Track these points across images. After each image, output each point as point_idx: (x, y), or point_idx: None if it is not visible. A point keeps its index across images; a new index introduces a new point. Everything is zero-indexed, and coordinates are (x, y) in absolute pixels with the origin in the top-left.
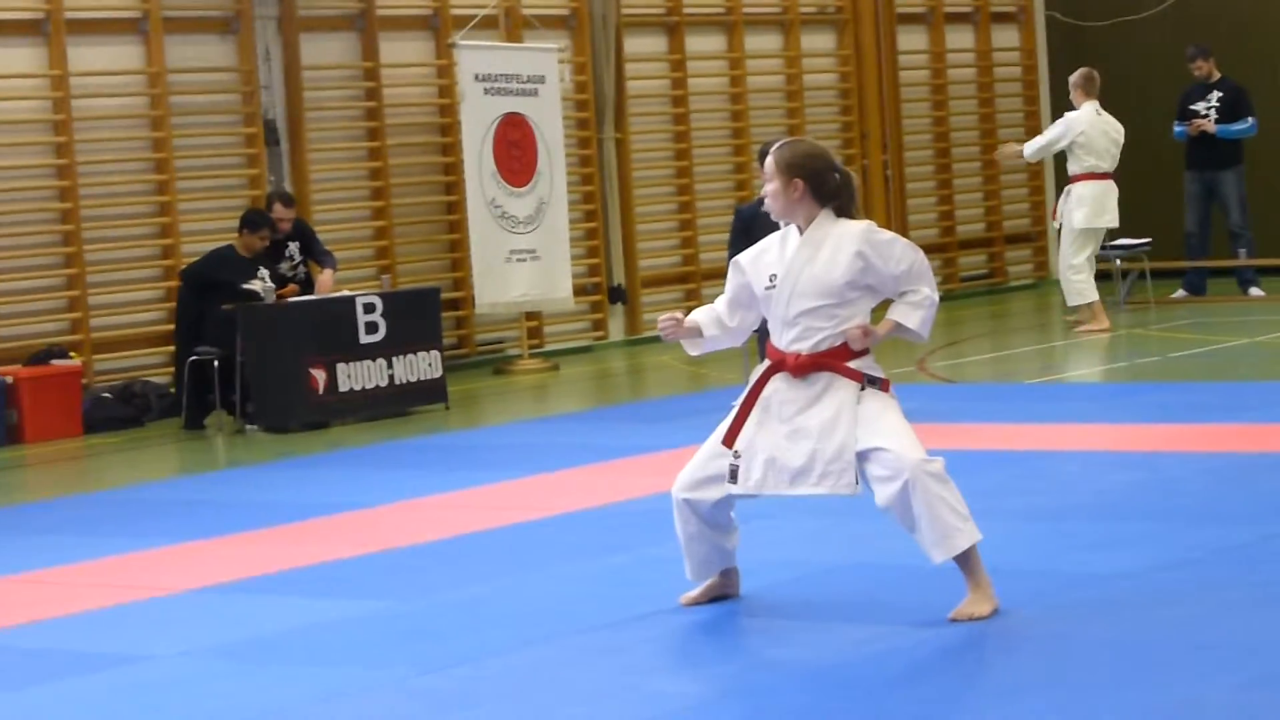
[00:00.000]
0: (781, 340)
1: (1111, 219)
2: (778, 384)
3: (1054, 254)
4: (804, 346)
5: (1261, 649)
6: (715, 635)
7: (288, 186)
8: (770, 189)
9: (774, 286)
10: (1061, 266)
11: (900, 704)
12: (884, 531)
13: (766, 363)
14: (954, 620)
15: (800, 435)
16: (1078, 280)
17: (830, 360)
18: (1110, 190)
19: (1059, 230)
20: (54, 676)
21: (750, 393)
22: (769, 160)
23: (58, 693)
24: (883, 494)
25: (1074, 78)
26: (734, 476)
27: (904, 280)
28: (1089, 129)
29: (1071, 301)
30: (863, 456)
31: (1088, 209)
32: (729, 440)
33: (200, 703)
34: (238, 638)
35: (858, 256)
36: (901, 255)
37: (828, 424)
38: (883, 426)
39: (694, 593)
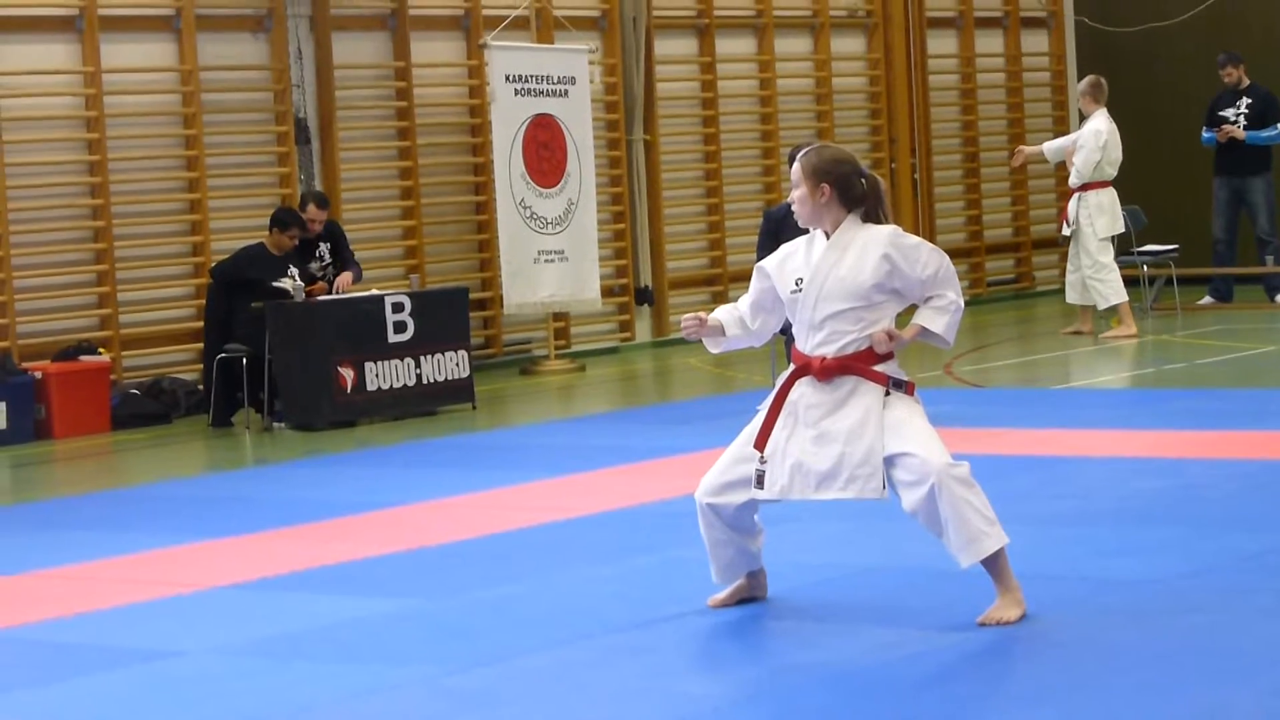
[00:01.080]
0: (807, 344)
1: (1121, 225)
2: (803, 388)
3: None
4: (830, 350)
5: None
6: (741, 637)
7: (318, 185)
8: (797, 195)
9: (800, 290)
10: (1086, 271)
11: (926, 708)
12: (911, 535)
13: (792, 367)
14: (982, 624)
15: (827, 439)
16: (1112, 279)
17: (855, 363)
18: (1116, 197)
19: (1067, 237)
20: (83, 671)
21: (776, 397)
22: (795, 166)
23: (87, 688)
24: (909, 499)
25: (1083, 86)
26: (760, 482)
27: (930, 285)
28: (1110, 137)
29: (1104, 304)
30: (889, 462)
31: (1108, 216)
32: (759, 444)
33: (229, 699)
34: (266, 634)
35: (884, 259)
36: (928, 260)
37: (855, 428)
38: (909, 431)
39: (721, 595)
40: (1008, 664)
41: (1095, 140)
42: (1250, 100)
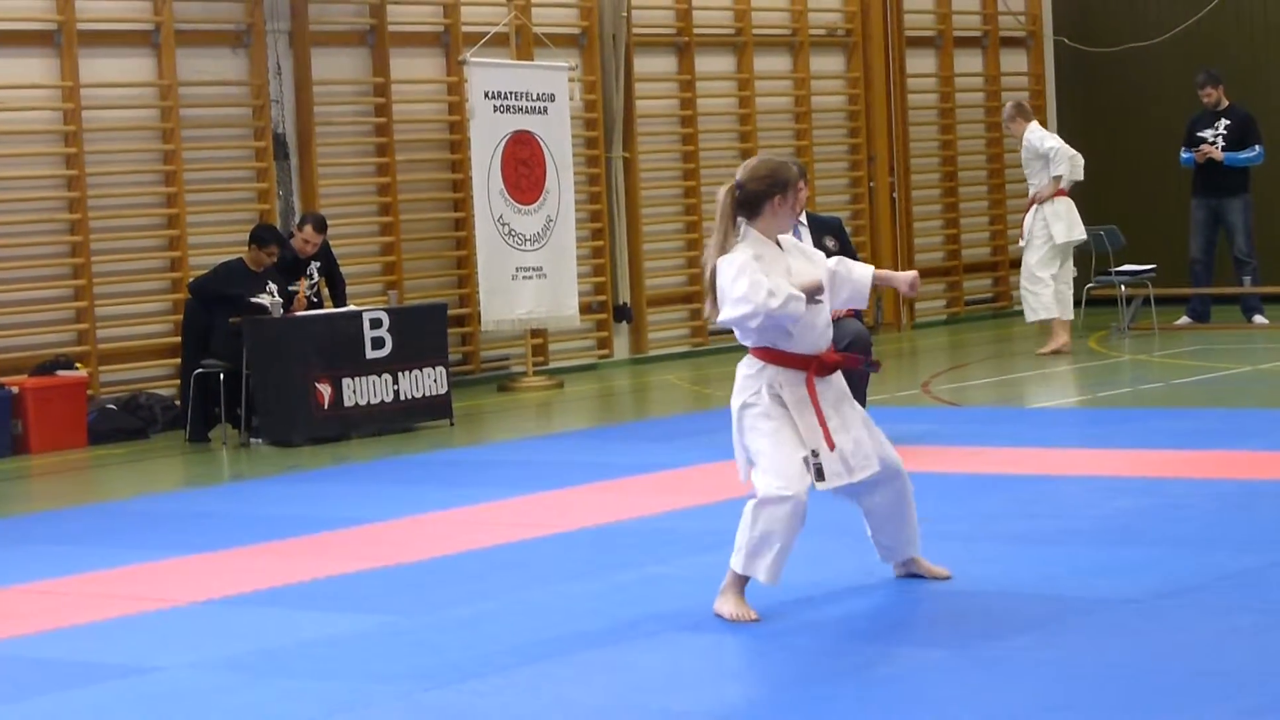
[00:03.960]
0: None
1: (1083, 232)
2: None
3: None
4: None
5: (1266, 675)
6: (721, 655)
7: (296, 201)
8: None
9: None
10: (1023, 281)
11: None
12: None
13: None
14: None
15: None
16: (1044, 294)
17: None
18: (1074, 205)
19: (1023, 247)
20: (60, 687)
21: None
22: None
23: (64, 703)
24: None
25: (1009, 110)
26: (820, 474)
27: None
28: (1062, 147)
29: (1032, 317)
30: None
31: (1064, 223)
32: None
33: (206, 714)
34: (243, 650)
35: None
36: None
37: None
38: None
39: (753, 612)
40: (987, 682)
41: (1058, 140)
42: (1229, 121)
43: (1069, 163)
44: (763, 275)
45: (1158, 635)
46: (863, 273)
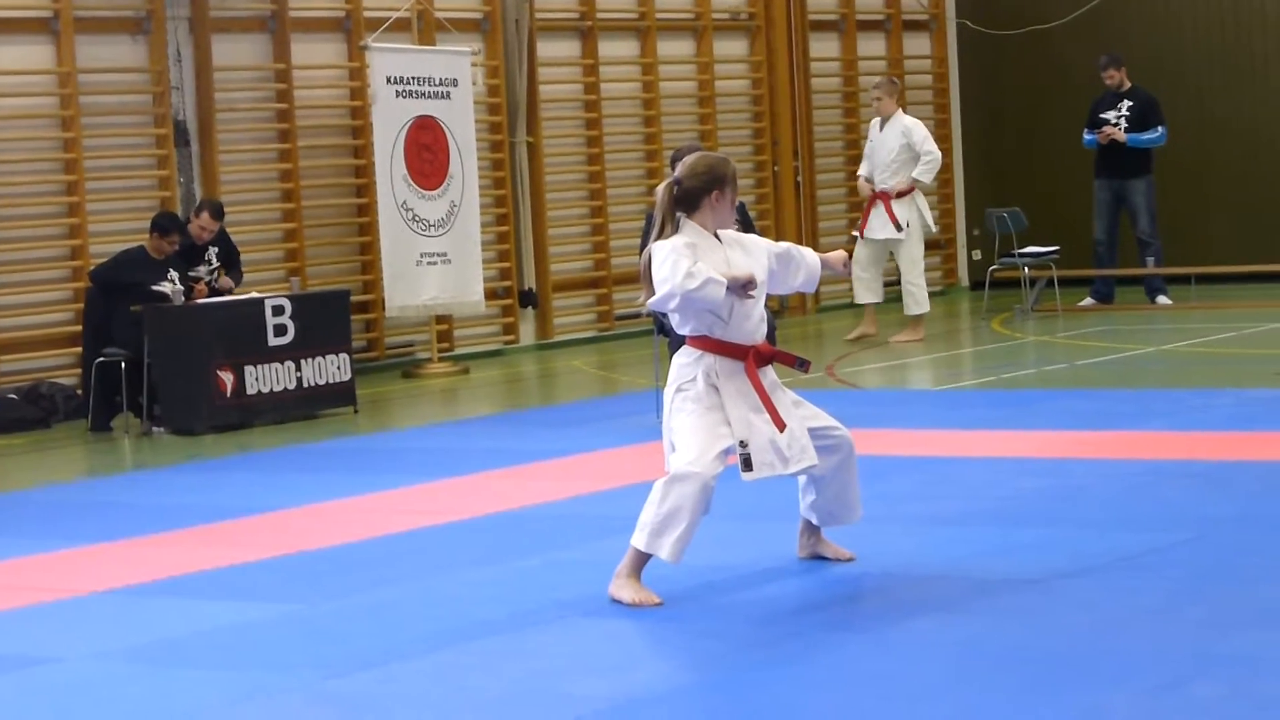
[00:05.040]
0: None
1: None
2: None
3: (962, 260)
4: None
5: (1166, 655)
6: (626, 639)
7: (197, 188)
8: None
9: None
10: (909, 275)
11: (807, 710)
12: (791, 534)
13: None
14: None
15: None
16: (923, 286)
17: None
18: None
19: (901, 239)
20: None
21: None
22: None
23: None
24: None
25: (885, 85)
26: (748, 464)
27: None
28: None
29: (916, 309)
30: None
31: (929, 214)
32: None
33: (108, 705)
34: (145, 640)
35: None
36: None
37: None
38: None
39: (655, 597)
40: (891, 664)
41: (935, 147)
42: (1131, 102)
43: (930, 167)
44: (688, 259)
45: (1062, 615)
46: (812, 256)
